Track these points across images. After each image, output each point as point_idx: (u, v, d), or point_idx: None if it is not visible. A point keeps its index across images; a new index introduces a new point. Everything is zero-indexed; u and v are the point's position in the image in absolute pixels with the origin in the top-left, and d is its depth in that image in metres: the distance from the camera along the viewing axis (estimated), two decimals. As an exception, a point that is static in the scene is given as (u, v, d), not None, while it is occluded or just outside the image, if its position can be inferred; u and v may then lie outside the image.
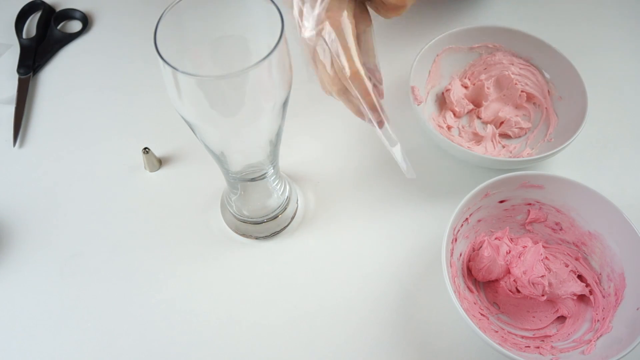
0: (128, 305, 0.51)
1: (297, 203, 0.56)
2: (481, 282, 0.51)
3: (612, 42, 0.68)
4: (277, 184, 0.52)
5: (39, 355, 0.49)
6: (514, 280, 0.49)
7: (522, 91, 0.61)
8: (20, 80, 0.65)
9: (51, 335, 0.50)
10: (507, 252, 0.50)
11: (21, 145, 0.61)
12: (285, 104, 0.41)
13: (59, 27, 0.71)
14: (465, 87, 0.62)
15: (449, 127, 0.60)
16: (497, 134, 0.60)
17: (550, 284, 0.48)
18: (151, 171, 0.58)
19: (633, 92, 0.64)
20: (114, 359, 0.49)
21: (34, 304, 0.51)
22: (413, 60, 0.58)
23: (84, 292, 0.52)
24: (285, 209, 0.54)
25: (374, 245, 0.54)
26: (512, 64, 0.61)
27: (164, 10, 0.37)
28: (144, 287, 0.52)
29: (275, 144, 0.45)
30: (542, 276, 0.48)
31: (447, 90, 0.61)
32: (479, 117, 0.62)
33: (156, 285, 0.52)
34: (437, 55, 0.61)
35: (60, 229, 0.55)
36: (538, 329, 0.49)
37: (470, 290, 0.50)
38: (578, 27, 0.70)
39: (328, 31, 0.41)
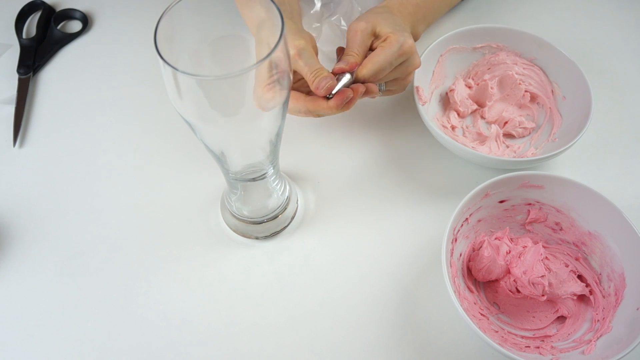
0: (128, 304, 0.51)
1: (297, 203, 0.56)
2: (481, 282, 0.51)
3: (615, 42, 0.68)
4: (277, 184, 0.52)
5: (39, 355, 0.49)
6: (514, 280, 0.49)
7: (525, 91, 0.61)
8: (20, 80, 0.65)
9: (51, 335, 0.50)
10: (507, 252, 0.50)
11: (21, 145, 0.61)
12: (285, 103, 0.41)
13: (59, 27, 0.71)
14: (469, 87, 0.62)
15: (453, 127, 0.60)
16: (501, 134, 0.59)
17: (550, 284, 0.48)
18: None
19: (634, 93, 0.64)
20: (114, 358, 0.49)
21: (34, 304, 0.51)
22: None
23: (84, 292, 0.52)
24: (285, 209, 0.54)
25: (373, 245, 0.54)
26: (516, 64, 0.61)
27: (164, 10, 0.37)
28: (144, 286, 0.52)
29: (275, 144, 0.45)
30: (542, 276, 0.48)
31: (451, 90, 0.61)
32: (482, 117, 0.61)
33: (156, 285, 0.52)
34: (441, 56, 0.61)
35: (60, 229, 0.55)
36: (538, 329, 0.49)
37: (470, 290, 0.50)
38: (581, 27, 0.70)
39: None
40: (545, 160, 0.54)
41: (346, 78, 0.50)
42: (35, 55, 0.67)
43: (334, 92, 0.49)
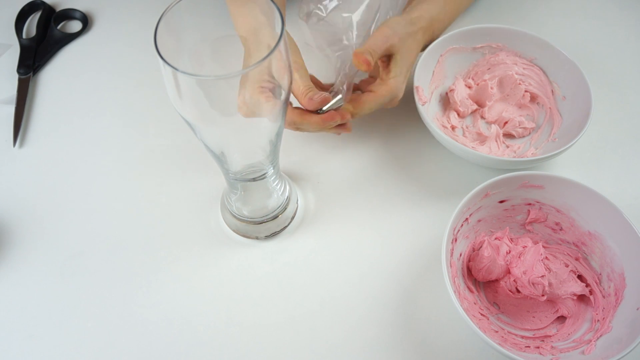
0: (128, 305, 0.51)
1: (297, 203, 0.56)
2: (481, 282, 0.51)
3: (615, 42, 0.68)
4: (277, 184, 0.52)
5: (39, 355, 0.49)
6: (514, 280, 0.49)
7: (525, 91, 0.61)
8: (20, 80, 0.65)
9: (51, 335, 0.50)
10: (507, 252, 0.50)
11: (21, 145, 0.61)
12: (285, 103, 0.41)
13: (59, 27, 0.71)
14: (469, 87, 0.62)
15: (453, 127, 0.60)
16: (501, 134, 0.59)
17: (550, 284, 0.48)
18: None
19: (634, 93, 0.64)
20: (114, 358, 0.49)
21: (33, 304, 0.51)
22: (417, 61, 0.58)
23: (84, 292, 0.52)
24: (285, 209, 0.54)
25: (373, 245, 0.54)
26: (516, 64, 0.61)
27: (164, 11, 0.37)
28: (144, 286, 0.52)
29: (275, 144, 0.45)
30: (542, 276, 0.48)
31: (451, 90, 0.61)
32: (482, 117, 0.61)
33: (156, 285, 0.52)
34: (441, 56, 0.61)
35: (60, 229, 0.55)
36: (538, 329, 0.49)
37: (470, 290, 0.50)
38: (581, 27, 0.70)
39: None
40: (545, 160, 0.54)
41: (339, 97, 0.52)
42: (35, 55, 0.67)
43: (325, 108, 0.51)
